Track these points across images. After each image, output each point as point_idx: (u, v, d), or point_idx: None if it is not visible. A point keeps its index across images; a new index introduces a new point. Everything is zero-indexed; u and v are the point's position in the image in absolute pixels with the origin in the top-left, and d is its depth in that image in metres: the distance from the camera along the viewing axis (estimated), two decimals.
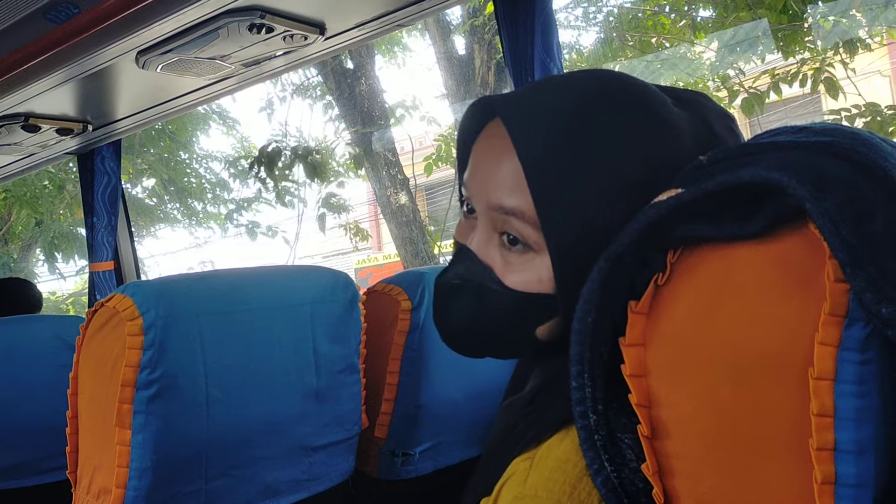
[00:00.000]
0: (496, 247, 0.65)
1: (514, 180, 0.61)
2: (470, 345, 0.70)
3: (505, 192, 0.62)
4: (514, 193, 0.61)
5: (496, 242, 0.65)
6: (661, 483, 0.51)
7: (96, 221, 2.32)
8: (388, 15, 1.43)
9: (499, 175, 0.63)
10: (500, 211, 0.63)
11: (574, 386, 0.53)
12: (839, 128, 0.49)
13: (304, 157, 5.70)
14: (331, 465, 1.16)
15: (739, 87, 5.07)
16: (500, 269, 0.64)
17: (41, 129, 1.89)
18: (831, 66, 4.61)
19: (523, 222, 0.61)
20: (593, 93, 0.61)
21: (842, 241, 0.42)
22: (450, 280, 0.68)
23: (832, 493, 0.44)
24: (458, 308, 0.67)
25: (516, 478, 0.58)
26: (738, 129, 0.66)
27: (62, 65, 1.47)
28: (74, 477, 0.99)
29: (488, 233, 0.65)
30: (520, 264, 0.63)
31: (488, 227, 0.65)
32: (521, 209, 0.61)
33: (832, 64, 4.65)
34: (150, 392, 0.92)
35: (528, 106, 0.62)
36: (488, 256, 0.65)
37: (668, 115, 0.61)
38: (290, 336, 1.07)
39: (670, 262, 0.51)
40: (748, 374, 0.47)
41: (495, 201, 0.63)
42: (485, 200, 0.65)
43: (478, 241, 0.66)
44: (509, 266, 0.64)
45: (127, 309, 0.92)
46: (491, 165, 0.64)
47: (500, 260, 0.64)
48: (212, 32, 1.35)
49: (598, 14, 6.26)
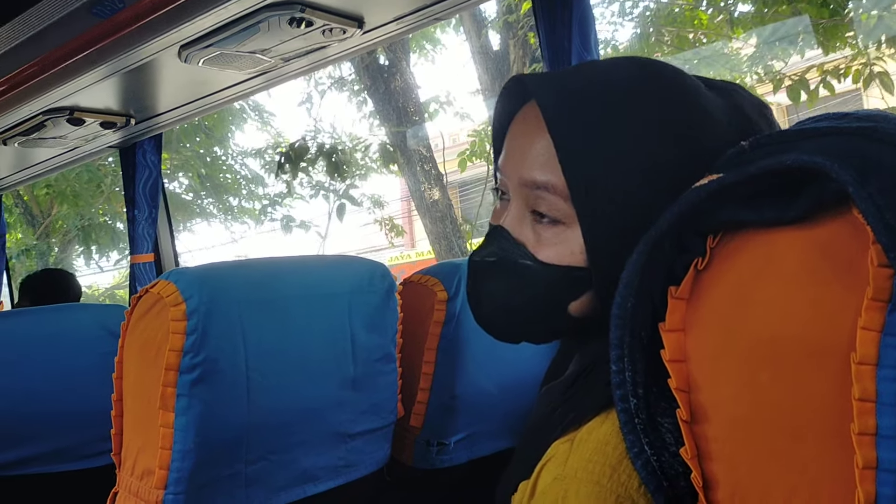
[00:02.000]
0: (529, 224, 0.66)
1: (545, 156, 0.63)
2: (504, 325, 0.71)
3: (537, 168, 0.64)
4: (545, 168, 0.63)
5: (529, 220, 0.66)
6: (700, 467, 0.51)
7: (137, 214, 2.36)
8: (426, 8, 1.44)
9: (531, 152, 0.65)
10: (532, 186, 0.64)
11: (614, 370, 0.54)
12: (883, 114, 0.49)
13: (329, 155, 5.75)
14: (367, 453, 1.17)
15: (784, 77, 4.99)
16: (533, 245, 0.66)
17: (85, 122, 1.93)
18: (881, 61, 4.52)
19: (555, 195, 0.63)
20: (625, 72, 0.63)
21: (886, 226, 0.41)
22: (484, 258, 0.69)
23: (874, 478, 0.44)
24: (493, 286, 0.69)
25: (556, 459, 0.59)
26: (772, 116, 0.67)
27: (107, 59, 1.51)
28: (119, 458, 1.01)
29: (521, 211, 0.67)
30: (552, 239, 0.65)
31: (521, 205, 0.67)
32: (552, 183, 0.63)
33: (883, 58, 4.55)
34: (192, 376, 0.94)
35: (560, 82, 0.63)
36: (521, 234, 0.67)
37: (700, 98, 0.62)
38: (327, 324, 1.09)
39: (710, 246, 0.51)
40: (788, 359, 0.47)
41: (527, 177, 0.65)
42: (517, 178, 0.66)
43: (511, 220, 0.68)
44: (542, 241, 0.65)
45: (171, 295, 0.94)
46: (524, 144, 0.66)
47: (533, 236, 0.66)
48: (253, 26, 1.37)
49: (634, 9, 6.20)
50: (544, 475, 0.59)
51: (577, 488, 0.55)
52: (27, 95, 1.70)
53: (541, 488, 0.59)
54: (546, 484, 0.58)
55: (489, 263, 0.69)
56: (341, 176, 6.03)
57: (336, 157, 5.70)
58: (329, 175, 6.00)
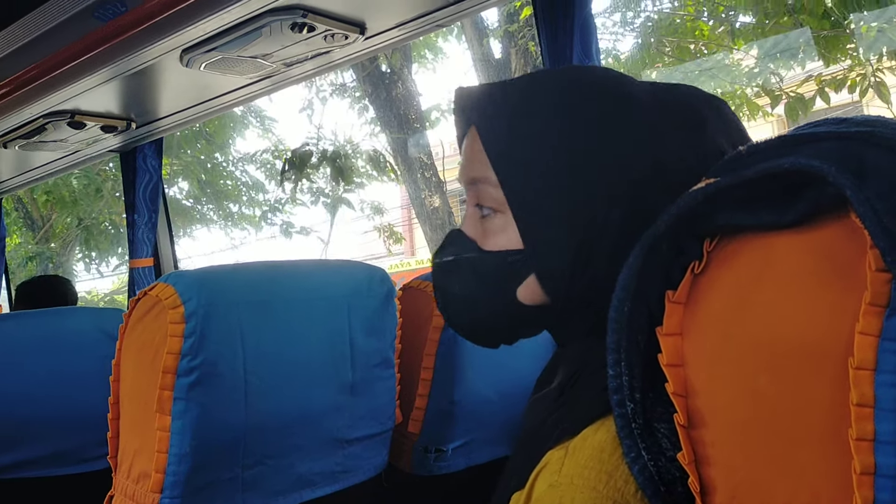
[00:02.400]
0: (478, 221, 0.71)
1: (483, 155, 0.69)
2: (469, 323, 0.74)
3: (476, 166, 0.70)
4: (482, 165, 0.69)
5: (478, 218, 0.71)
6: (697, 472, 0.51)
7: (137, 218, 2.36)
8: (428, 15, 1.44)
9: (474, 155, 0.70)
10: (474, 182, 0.70)
11: (611, 374, 0.54)
12: (881, 119, 0.49)
13: (333, 160, 5.77)
14: (364, 459, 1.17)
15: (782, 92, 5.01)
16: (480, 239, 0.70)
17: (86, 126, 1.93)
18: (881, 72, 4.54)
19: (489, 185, 0.68)
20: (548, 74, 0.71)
21: (883, 230, 0.41)
22: (441, 259, 0.74)
23: (871, 484, 0.44)
24: (452, 284, 0.73)
25: (551, 467, 0.58)
26: (729, 111, 0.70)
27: (108, 62, 1.51)
28: (115, 462, 1.01)
29: (472, 210, 0.72)
30: (493, 229, 0.69)
31: (471, 205, 0.72)
32: (486, 175, 0.68)
33: (882, 70, 4.57)
34: (190, 379, 0.94)
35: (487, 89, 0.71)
36: (474, 231, 0.71)
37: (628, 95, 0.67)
38: (326, 328, 1.09)
39: (707, 250, 0.51)
40: (786, 364, 0.47)
41: (470, 175, 0.71)
42: (465, 179, 0.72)
43: (466, 221, 0.73)
44: (486, 233, 0.70)
45: (169, 297, 0.94)
46: (469, 151, 0.72)
47: (481, 231, 0.70)
48: (255, 31, 1.38)
49: (635, 19, 6.22)
50: (539, 483, 0.59)
51: (572, 495, 0.54)
52: (28, 98, 1.70)
53: (536, 496, 0.59)
54: (541, 492, 0.58)
55: (446, 263, 0.73)
56: (345, 181, 6.04)
57: (339, 163, 5.70)
58: (333, 180, 6.02)
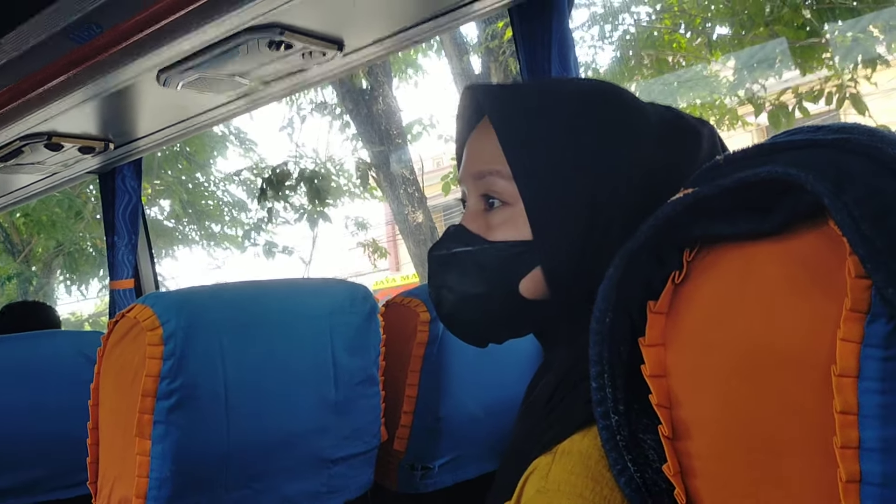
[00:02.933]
0: (482, 215, 0.72)
1: (492, 148, 0.70)
2: (464, 318, 0.74)
3: (487, 159, 0.71)
4: (494, 159, 0.70)
5: (482, 211, 0.72)
6: (683, 483, 0.51)
7: (117, 240, 2.34)
8: (406, 31, 1.44)
9: (485, 149, 0.72)
10: (484, 175, 0.71)
11: (594, 387, 0.53)
12: (857, 126, 0.49)
13: (310, 180, 5.76)
14: (350, 478, 1.16)
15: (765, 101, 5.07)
16: (485, 232, 0.71)
17: (63, 147, 1.91)
18: (855, 83, 4.60)
19: (500, 178, 0.70)
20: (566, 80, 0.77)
21: (861, 237, 0.41)
22: (440, 252, 0.73)
23: (857, 492, 0.43)
24: (450, 278, 0.72)
25: (538, 472, 0.58)
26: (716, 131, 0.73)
27: (85, 83, 1.49)
28: (95, 487, 1.00)
29: (476, 205, 0.73)
30: (501, 221, 0.70)
31: (476, 199, 0.73)
32: (498, 168, 0.70)
33: (855, 80, 4.64)
34: (170, 402, 0.92)
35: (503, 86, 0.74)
36: (476, 226, 0.72)
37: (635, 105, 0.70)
38: (308, 347, 1.08)
39: (687, 260, 0.51)
40: (769, 373, 0.46)
41: (480, 168, 0.72)
42: (473, 172, 0.73)
43: (468, 215, 0.73)
44: (492, 226, 0.71)
45: (147, 319, 0.93)
46: (478, 146, 0.73)
47: (485, 224, 0.71)
48: (232, 50, 1.37)
49: (614, 32, 6.27)
50: (527, 488, 0.58)
51: (559, 501, 0.54)
52: (4, 121, 1.68)
53: (524, 502, 0.58)
54: (529, 497, 0.57)
55: (448, 256, 0.73)
56: (321, 202, 6.04)
57: (317, 183, 5.69)
58: (310, 201, 6.01)
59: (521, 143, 0.68)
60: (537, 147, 0.68)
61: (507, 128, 0.69)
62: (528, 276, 0.69)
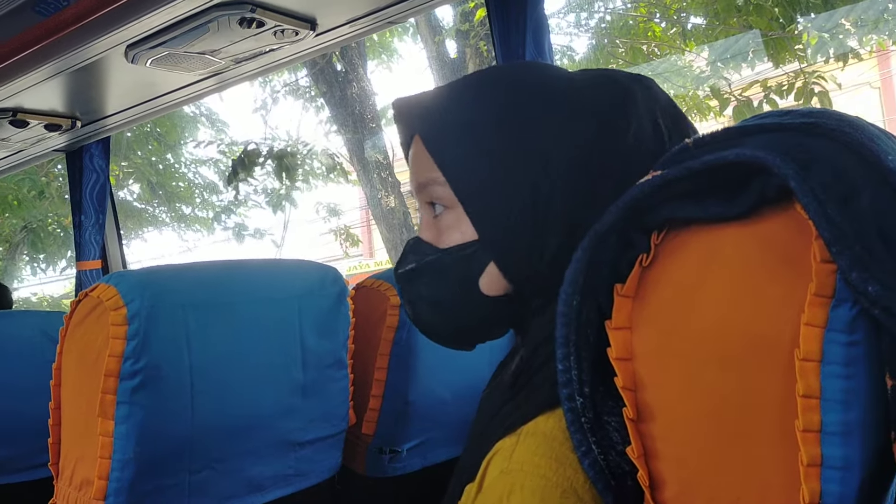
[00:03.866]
0: (433, 223, 0.73)
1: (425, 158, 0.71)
2: (439, 326, 0.74)
3: (423, 169, 0.72)
4: (429, 167, 0.71)
5: (432, 219, 0.73)
6: (647, 466, 0.51)
7: (84, 220, 2.30)
8: (380, 11, 1.43)
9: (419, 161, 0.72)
10: (424, 185, 0.72)
11: (560, 369, 0.53)
12: (824, 111, 0.49)
13: (278, 157, 5.71)
14: (317, 461, 1.15)
15: (730, 95, 5.11)
16: (437, 239, 0.72)
17: (29, 124, 1.87)
18: (822, 79, 4.66)
19: (437, 185, 0.70)
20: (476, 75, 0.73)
21: (827, 220, 0.41)
22: (404, 269, 0.74)
23: (818, 476, 0.44)
24: (417, 290, 0.73)
25: (502, 454, 0.58)
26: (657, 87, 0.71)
27: (51, 58, 1.46)
28: (57, 469, 0.98)
29: (426, 215, 0.74)
30: (446, 225, 0.71)
31: (424, 208, 0.74)
32: (433, 175, 0.70)
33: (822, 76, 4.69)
34: (133, 382, 0.91)
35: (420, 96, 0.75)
36: (430, 235, 0.73)
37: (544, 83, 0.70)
38: (276, 329, 1.07)
39: (654, 243, 0.51)
40: (734, 357, 0.47)
41: (419, 179, 0.72)
42: (415, 186, 0.73)
43: (422, 226, 0.74)
44: (440, 233, 0.72)
45: (111, 298, 0.91)
46: (415, 158, 0.74)
47: (435, 233, 0.72)
48: (202, 26, 1.34)
49: (590, 20, 6.28)
50: (491, 469, 0.58)
51: (522, 482, 0.54)
52: None
53: (488, 482, 0.58)
54: (493, 478, 0.57)
55: (409, 272, 0.74)
56: (290, 178, 5.99)
57: (286, 161, 5.64)
58: (277, 178, 5.96)
59: (445, 151, 0.70)
60: (460, 150, 0.69)
61: (432, 139, 0.71)
62: (485, 273, 0.69)
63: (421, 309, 0.74)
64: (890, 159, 0.44)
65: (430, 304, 0.73)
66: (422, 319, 0.75)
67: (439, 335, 0.76)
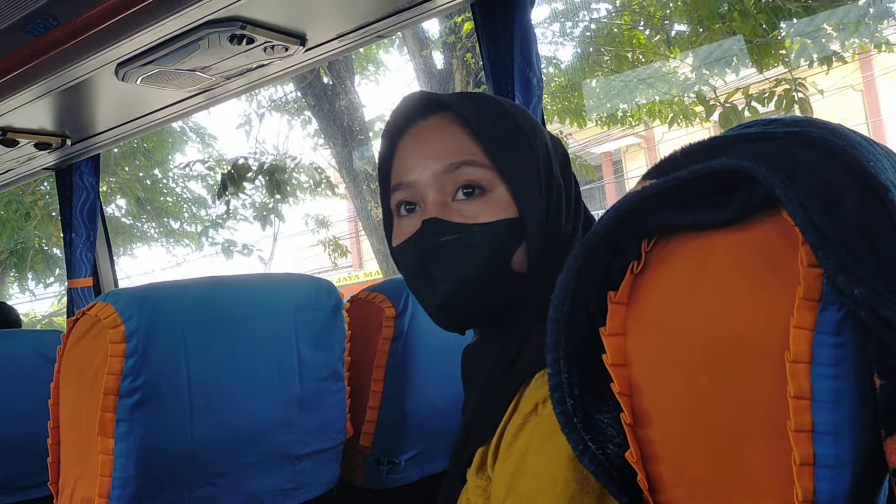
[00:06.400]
0: (452, 208, 0.76)
1: (461, 141, 0.77)
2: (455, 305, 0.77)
3: (457, 150, 0.77)
4: (465, 148, 0.77)
5: (450, 204, 0.76)
6: (645, 469, 0.52)
7: (75, 237, 2.29)
8: (368, 26, 1.44)
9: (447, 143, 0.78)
10: (457, 165, 0.76)
11: (551, 373, 0.54)
12: (808, 119, 0.51)
13: (269, 173, 5.71)
14: (316, 474, 1.15)
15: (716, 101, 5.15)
16: (470, 218, 0.75)
17: (19, 143, 1.87)
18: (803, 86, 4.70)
19: (476, 167, 0.76)
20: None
21: (813, 226, 0.43)
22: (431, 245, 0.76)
23: (811, 474, 0.45)
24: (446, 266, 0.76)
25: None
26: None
27: (41, 77, 1.47)
28: (56, 488, 0.98)
29: (441, 198, 0.77)
30: (484, 206, 0.76)
31: (440, 194, 0.77)
32: (474, 157, 0.76)
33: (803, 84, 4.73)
34: (132, 400, 0.91)
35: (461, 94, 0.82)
36: (452, 216, 0.76)
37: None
38: (273, 343, 1.07)
39: (645, 250, 0.52)
40: (726, 361, 0.48)
41: (451, 159, 0.76)
42: (439, 167, 0.77)
43: (437, 209, 0.77)
44: (477, 212, 0.76)
45: (109, 317, 0.92)
46: (434, 142, 0.79)
47: (463, 214, 0.76)
48: (192, 44, 1.35)
49: (574, 29, 6.31)
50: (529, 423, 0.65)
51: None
52: None
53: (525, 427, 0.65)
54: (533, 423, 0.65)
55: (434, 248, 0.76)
56: (281, 194, 5.99)
57: (276, 176, 5.64)
58: (268, 193, 5.95)
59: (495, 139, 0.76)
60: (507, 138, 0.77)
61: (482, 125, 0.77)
62: (519, 249, 0.76)
63: (439, 289, 0.76)
64: (871, 165, 0.46)
65: (456, 281, 0.75)
66: (437, 302, 0.77)
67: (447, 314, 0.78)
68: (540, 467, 0.62)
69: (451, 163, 0.76)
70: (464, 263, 0.75)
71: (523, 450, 0.64)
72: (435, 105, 0.81)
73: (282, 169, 5.88)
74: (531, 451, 0.63)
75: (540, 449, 0.63)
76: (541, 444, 0.63)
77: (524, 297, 0.77)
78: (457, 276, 0.75)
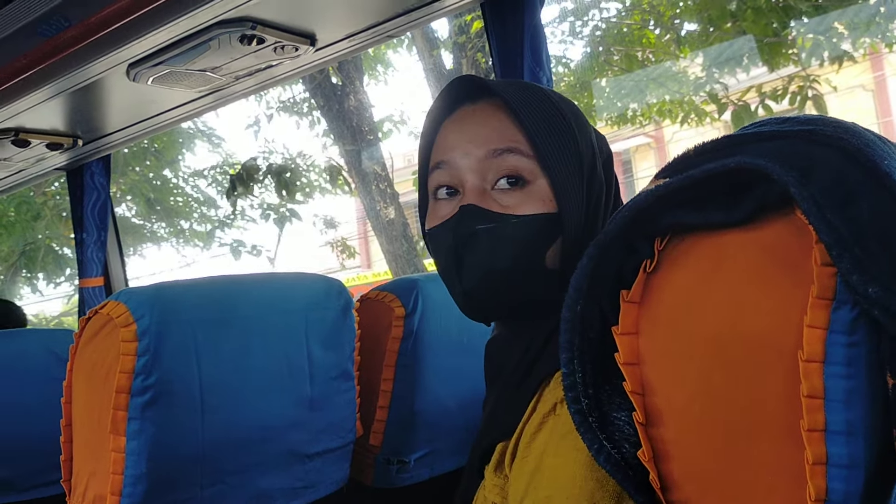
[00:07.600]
0: (490, 196, 0.76)
1: (506, 128, 0.77)
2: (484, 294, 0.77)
3: (501, 137, 0.76)
4: (509, 135, 0.76)
5: (489, 193, 0.76)
6: (658, 468, 0.52)
7: (86, 237, 2.31)
8: (378, 26, 1.44)
9: (493, 129, 0.77)
10: (500, 152, 0.76)
11: (565, 372, 0.54)
12: (823, 118, 0.50)
13: (278, 174, 5.73)
14: (326, 473, 1.16)
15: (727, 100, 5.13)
16: (506, 208, 0.75)
17: (31, 144, 1.88)
18: (816, 83, 4.68)
19: (520, 156, 0.75)
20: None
21: (827, 225, 0.43)
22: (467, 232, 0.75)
23: (824, 474, 0.45)
24: (479, 254, 0.75)
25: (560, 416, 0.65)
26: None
27: (53, 78, 1.47)
28: (69, 485, 0.99)
29: (481, 185, 0.76)
30: (523, 197, 0.75)
31: (480, 180, 0.77)
32: (518, 146, 0.76)
33: (817, 80, 4.71)
34: (144, 398, 0.92)
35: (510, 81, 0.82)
36: (488, 205, 0.75)
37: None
38: (283, 342, 1.08)
39: (657, 249, 0.52)
40: (739, 360, 0.48)
41: (495, 146, 0.76)
42: (481, 152, 0.76)
43: (474, 196, 0.76)
44: (514, 202, 0.75)
45: (121, 315, 0.92)
46: (481, 126, 0.78)
47: (501, 203, 0.75)
48: (203, 44, 1.36)
49: (584, 28, 6.31)
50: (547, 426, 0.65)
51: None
52: None
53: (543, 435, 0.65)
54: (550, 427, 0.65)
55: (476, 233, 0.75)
56: (290, 195, 6.00)
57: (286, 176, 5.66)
58: (277, 194, 5.97)
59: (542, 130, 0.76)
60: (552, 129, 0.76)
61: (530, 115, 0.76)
62: (554, 245, 0.76)
63: (469, 276, 0.76)
64: (886, 164, 0.45)
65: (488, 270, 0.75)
66: (465, 288, 0.77)
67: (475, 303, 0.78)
68: (558, 467, 0.62)
69: (494, 149, 0.76)
70: (497, 253, 0.74)
71: (541, 450, 0.65)
72: (483, 90, 0.80)
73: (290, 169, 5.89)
74: (549, 451, 0.64)
75: (558, 449, 0.63)
76: (559, 443, 0.63)
77: (553, 294, 0.75)
78: (488, 264, 0.75)
